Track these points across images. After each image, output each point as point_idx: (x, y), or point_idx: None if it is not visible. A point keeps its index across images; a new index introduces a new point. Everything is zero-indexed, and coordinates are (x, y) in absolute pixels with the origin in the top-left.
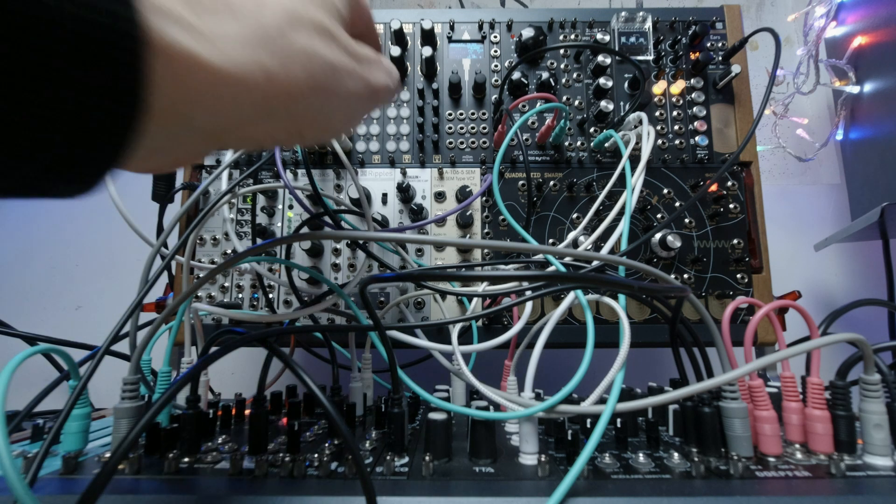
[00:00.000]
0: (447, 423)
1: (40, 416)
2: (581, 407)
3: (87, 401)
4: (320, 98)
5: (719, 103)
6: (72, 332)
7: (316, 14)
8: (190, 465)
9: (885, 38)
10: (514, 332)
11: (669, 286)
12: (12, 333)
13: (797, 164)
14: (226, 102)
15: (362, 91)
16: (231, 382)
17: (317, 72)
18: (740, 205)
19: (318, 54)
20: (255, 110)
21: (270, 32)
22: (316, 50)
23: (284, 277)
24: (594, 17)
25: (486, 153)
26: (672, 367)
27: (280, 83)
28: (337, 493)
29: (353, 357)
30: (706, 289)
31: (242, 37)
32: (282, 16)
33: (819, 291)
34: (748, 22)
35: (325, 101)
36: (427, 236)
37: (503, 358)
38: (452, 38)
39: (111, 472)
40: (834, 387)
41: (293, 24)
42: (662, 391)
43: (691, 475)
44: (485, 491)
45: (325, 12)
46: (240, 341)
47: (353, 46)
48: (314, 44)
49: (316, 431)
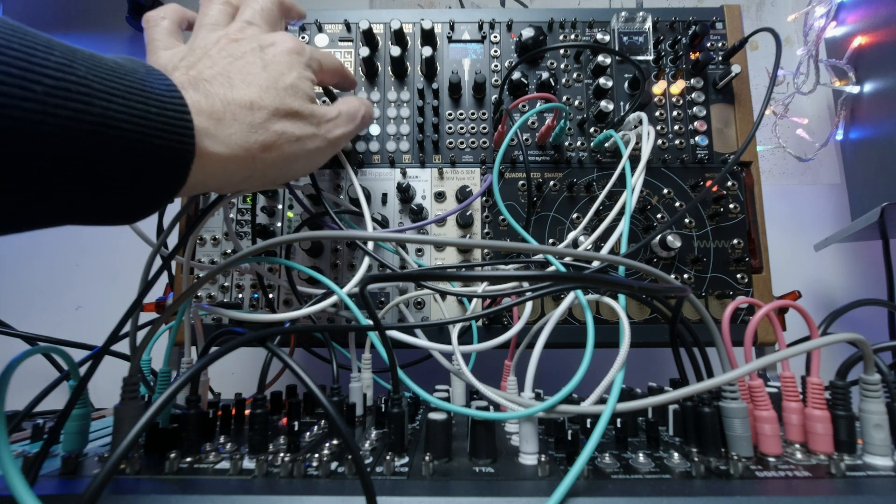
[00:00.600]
0: (447, 423)
1: (40, 416)
2: (581, 407)
3: (86, 401)
4: (287, 161)
5: (719, 103)
6: (72, 332)
7: (288, 104)
8: (190, 465)
9: (885, 38)
10: (514, 332)
11: (669, 286)
12: (12, 333)
13: (797, 164)
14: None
15: (321, 145)
16: (231, 382)
17: (284, 144)
18: (740, 205)
19: (286, 132)
20: (242, 175)
21: (256, 126)
22: (285, 129)
23: (284, 277)
24: (594, 17)
25: (486, 153)
26: (672, 367)
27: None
28: (337, 493)
29: (353, 357)
30: (706, 289)
31: (240, 134)
32: (264, 114)
33: (819, 291)
34: (748, 22)
35: (290, 161)
36: (427, 236)
37: (503, 358)
38: (452, 38)
39: (112, 472)
40: (834, 387)
41: (271, 117)
42: (662, 391)
43: (691, 475)
44: (485, 491)
45: (294, 98)
46: (240, 341)
47: (316, 115)
48: (285, 126)
49: (316, 431)
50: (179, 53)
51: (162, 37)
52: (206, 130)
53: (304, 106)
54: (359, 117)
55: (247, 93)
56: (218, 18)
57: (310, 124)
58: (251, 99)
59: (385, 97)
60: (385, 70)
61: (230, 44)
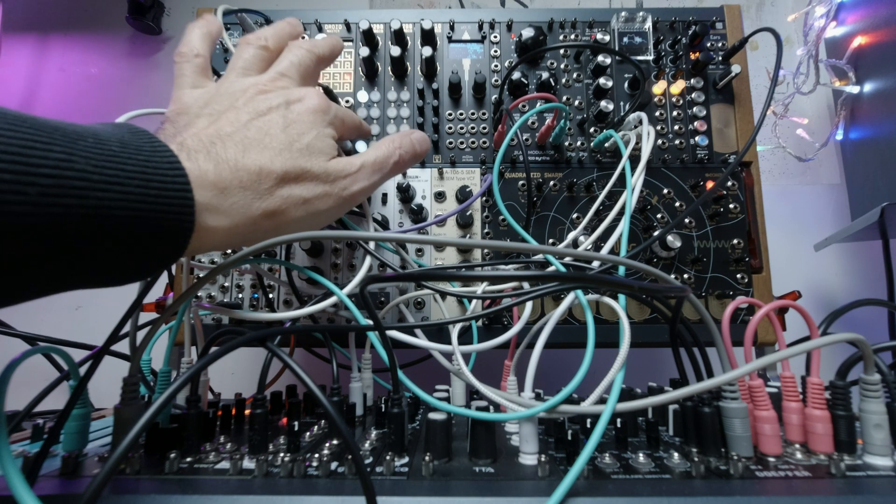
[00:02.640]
0: (447, 423)
1: (40, 416)
2: (581, 407)
3: (86, 401)
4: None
5: (719, 103)
6: (72, 332)
7: (300, 165)
8: (190, 465)
9: (885, 38)
10: (514, 332)
11: (669, 286)
12: (12, 333)
13: (797, 164)
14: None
15: (333, 204)
16: (231, 382)
17: (289, 208)
18: (740, 205)
19: (292, 196)
20: (243, 239)
21: (261, 193)
22: (291, 193)
23: (284, 277)
24: (594, 17)
25: (486, 153)
26: (672, 367)
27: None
28: (337, 493)
29: (353, 357)
30: (706, 289)
31: (243, 202)
32: (272, 180)
33: (819, 291)
34: (748, 22)
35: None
36: (427, 236)
37: (503, 358)
38: (452, 38)
39: (112, 472)
40: (834, 387)
41: (278, 182)
42: (662, 391)
43: (691, 475)
44: (485, 491)
45: (308, 158)
46: (240, 341)
47: (331, 172)
48: (291, 190)
49: (316, 431)
50: (205, 96)
51: (191, 74)
52: (208, 205)
53: (317, 164)
54: (389, 164)
55: (259, 158)
56: (251, 63)
57: (321, 183)
58: (261, 165)
59: (385, 97)
60: (385, 70)
61: (257, 95)
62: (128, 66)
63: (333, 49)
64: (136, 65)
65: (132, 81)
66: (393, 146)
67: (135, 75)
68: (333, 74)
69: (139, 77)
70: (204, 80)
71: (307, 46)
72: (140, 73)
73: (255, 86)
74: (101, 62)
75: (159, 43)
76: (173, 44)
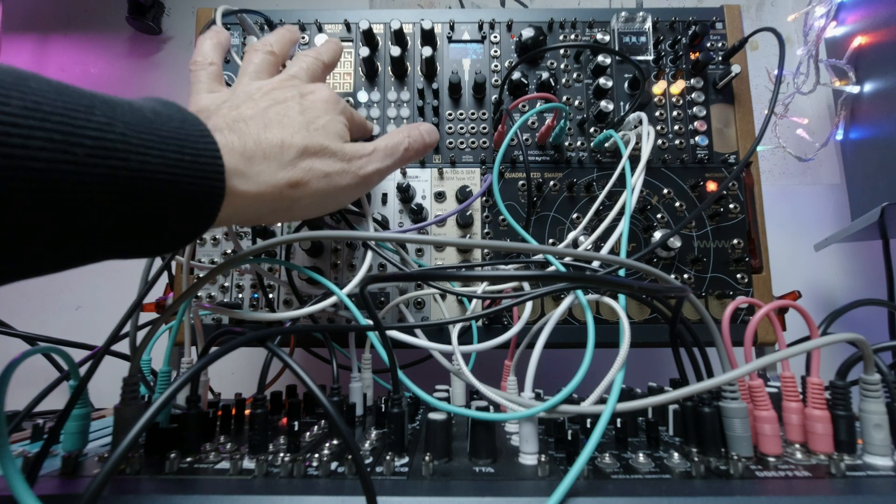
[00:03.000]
0: (447, 423)
1: (40, 416)
2: (581, 407)
3: (86, 401)
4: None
5: (719, 103)
6: (72, 332)
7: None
8: (190, 465)
9: (885, 38)
10: (514, 332)
11: (669, 286)
12: (12, 333)
13: (797, 164)
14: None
15: (351, 181)
16: (231, 382)
17: (312, 180)
18: (740, 205)
19: (314, 168)
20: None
21: (284, 164)
22: (313, 166)
23: (284, 277)
24: (594, 17)
25: (486, 153)
26: (672, 367)
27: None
28: (337, 493)
29: (353, 357)
30: (706, 289)
31: (268, 172)
32: (294, 152)
33: (819, 291)
34: (748, 22)
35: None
36: (427, 236)
37: (503, 358)
38: (452, 38)
39: (112, 472)
40: (834, 387)
41: (300, 155)
42: (662, 391)
43: (691, 475)
44: (485, 491)
45: (325, 136)
46: (240, 341)
47: (347, 152)
48: (312, 163)
49: (316, 431)
50: (222, 97)
51: (207, 80)
52: (237, 170)
53: (334, 143)
54: (400, 150)
55: (279, 133)
56: (262, 67)
57: (339, 160)
58: (283, 139)
59: (385, 97)
60: (385, 70)
61: (273, 90)
62: (128, 66)
63: (336, 55)
64: (136, 65)
65: (132, 81)
66: (403, 135)
67: (135, 75)
68: (334, 74)
69: (139, 77)
70: (219, 86)
71: (313, 54)
72: (140, 73)
73: (270, 84)
74: (101, 62)
75: (159, 43)
76: (173, 44)
